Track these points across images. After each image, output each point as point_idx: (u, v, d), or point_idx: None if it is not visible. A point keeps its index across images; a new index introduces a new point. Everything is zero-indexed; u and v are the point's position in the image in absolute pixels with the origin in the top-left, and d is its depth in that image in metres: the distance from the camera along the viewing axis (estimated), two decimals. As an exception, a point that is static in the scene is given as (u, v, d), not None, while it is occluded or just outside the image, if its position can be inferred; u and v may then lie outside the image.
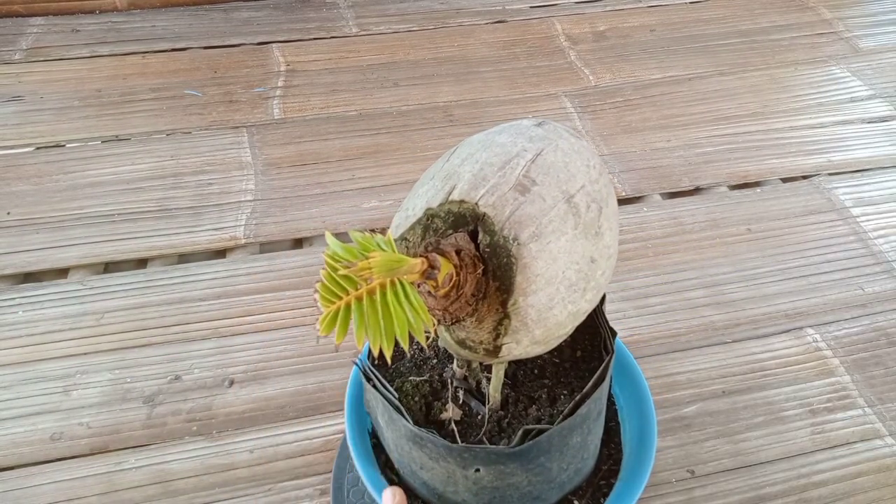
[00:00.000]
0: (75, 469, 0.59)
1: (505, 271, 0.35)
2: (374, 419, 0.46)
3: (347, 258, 0.27)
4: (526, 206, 0.35)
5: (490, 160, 0.36)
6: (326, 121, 1.02)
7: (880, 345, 0.70)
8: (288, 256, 0.80)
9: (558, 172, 0.36)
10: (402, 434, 0.41)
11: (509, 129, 0.39)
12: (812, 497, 0.58)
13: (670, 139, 0.99)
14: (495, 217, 0.35)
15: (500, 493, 0.41)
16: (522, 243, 0.35)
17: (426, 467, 0.41)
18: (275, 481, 0.59)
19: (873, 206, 0.87)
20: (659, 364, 0.68)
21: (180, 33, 1.22)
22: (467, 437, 0.43)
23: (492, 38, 1.22)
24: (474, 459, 0.39)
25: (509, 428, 0.43)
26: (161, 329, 0.71)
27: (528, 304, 0.35)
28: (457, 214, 0.36)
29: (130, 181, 0.90)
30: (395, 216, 0.39)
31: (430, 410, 0.44)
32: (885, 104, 1.05)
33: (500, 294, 0.35)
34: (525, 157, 0.36)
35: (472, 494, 0.42)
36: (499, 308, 0.35)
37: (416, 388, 0.45)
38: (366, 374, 0.43)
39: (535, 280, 0.35)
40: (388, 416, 0.41)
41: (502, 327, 0.36)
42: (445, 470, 0.41)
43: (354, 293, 0.27)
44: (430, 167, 0.40)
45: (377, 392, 0.42)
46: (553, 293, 0.36)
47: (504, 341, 0.36)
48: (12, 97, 1.05)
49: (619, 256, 0.80)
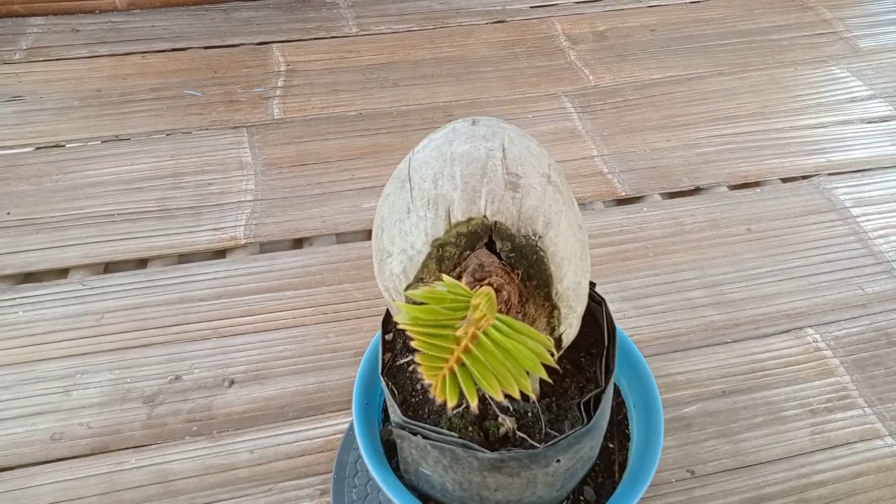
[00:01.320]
0: (76, 469, 0.59)
1: (538, 267, 0.35)
2: (415, 471, 0.43)
3: (432, 318, 0.25)
4: (525, 199, 0.35)
5: (467, 171, 0.36)
6: (326, 121, 1.02)
7: (880, 345, 0.70)
8: (288, 256, 0.80)
9: (529, 159, 0.37)
10: (473, 468, 0.40)
11: (457, 137, 0.38)
12: (812, 497, 0.58)
13: (670, 139, 0.99)
14: (507, 221, 0.35)
15: (571, 472, 0.42)
16: (542, 235, 0.35)
17: (502, 486, 0.41)
18: (275, 481, 0.59)
19: (873, 206, 0.87)
20: (659, 364, 0.68)
21: (180, 33, 1.22)
22: (533, 437, 0.42)
23: (492, 38, 1.22)
24: (556, 453, 0.39)
25: (560, 410, 0.43)
26: (161, 329, 0.71)
27: (565, 287, 0.36)
28: (468, 234, 0.35)
29: (130, 181, 0.90)
30: (389, 263, 0.38)
31: (487, 433, 0.43)
32: (885, 104, 1.05)
33: (542, 289, 0.36)
34: (496, 157, 0.37)
35: (548, 486, 0.41)
36: (545, 303, 0.36)
37: (462, 420, 0.43)
38: (409, 429, 0.41)
39: (562, 264, 0.36)
40: (451, 458, 0.40)
41: (555, 319, 0.37)
42: (526, 479, 0.40)
43: (460, 349, 0.25)
44: (389, 204, 0.39)
45: (428, 441, 0.39)
46: (576, 269, 0.37)
47: (561, 330, 0.37)
48: (12, 97, 1.05)
49: (619, 256, 0.81)
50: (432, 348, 0.25)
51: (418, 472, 0.43)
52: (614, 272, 0.78)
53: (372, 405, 0.49)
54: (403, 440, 0.42)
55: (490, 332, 0.25)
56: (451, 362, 0.25)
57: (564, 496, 0.45)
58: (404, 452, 0.43)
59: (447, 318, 0.25)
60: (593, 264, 0.78)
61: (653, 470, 0.44)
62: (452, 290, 0.27)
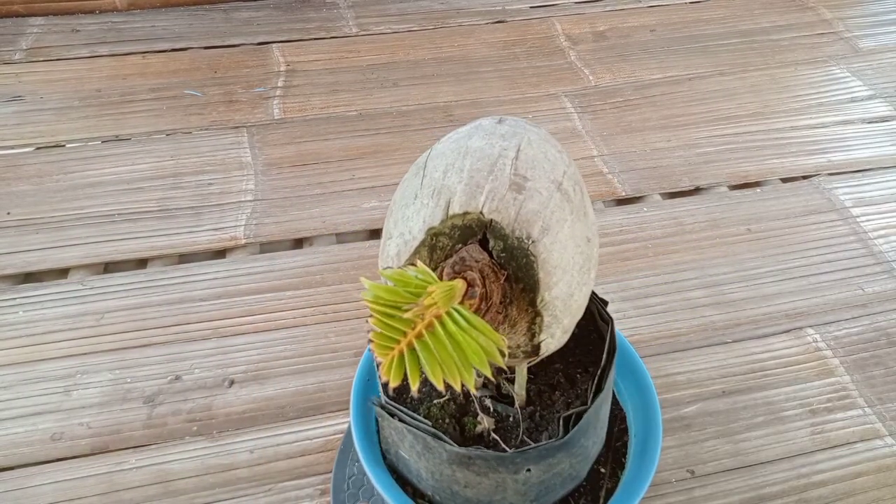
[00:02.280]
0: (76, 469, 0.59)
1: (526, 271, 0.35)
2: (395, 453, 0.45)
3: (393, 299, 0.26)
4: (527, 202, 0.35)
5: (476, 166, 0.36)
6: (326, 121, 1.02)
7: (880, 345, 0.70)
8: (288, 256, 0.80)
9: (542, 164, 0.37)
10: (443, 460, 0.40)
11: (477, 132, 0.39)
12: (812, 497, 0.58)
13: (670, 139, 0.99)
14: (503, 221, 0.35)
15: (546, 485, 0.42)
16: (536, 240, 0.35)
17: (471, 484, 0.41)
18: (275, 481, 0.59)
19: (873, 206, 0.87)
20: (659, 364, 0.68)
21: (180, 33, 1.22)
22: (508, 442, 0.43)
23: (492, 38, 1.22)
24: (526, 461, 0.39)
25: (542, 420, 0.43)
26: (161, 329, 0.71)
27: (553, 296, 0.36)
28: (462, 227, 0.35)
29: (130, 181, 0.90)
30: (387, 245, 0.38)
31: (463, 428, 0.44)
32: (885, 104, 1.05)
33: (527, 294, 0.36)
34: (508, 156, 0.36)
35: (521, 496, 0.41)
36: (528, 308, 0.36)
37: (442, 410, 0.44)
38: (388, 410, 0.42)
39: (553, 272, 0.35)
40: (423, 445, 0.40)
41: (536, 326, 0.36)
42: (494, 481, 0.40)
43: (413, 333, 0.25)
44: (402, 189, 0.40)
45: (404, 425, 0.40)
46: (570, 280, 0.36)
47: (541, 339, 0.37)
48: (12, 97, 1.05)
49: (619, 256, 0.81)
50: (387, 328, 0.25)
51: (398, 454, 0.44)
52: (614, 272, 0.78)
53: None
54: (384, 419, 0.43)
55: (446, 322, 0.26)
56: (402, 345, 0.25)
57: None
58: (385, 432, 0.44)
59: (405, 301, 0.26)
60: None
61: (645, 487, 0.44)
62: (421, 277, 0.27)
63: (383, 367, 0.25)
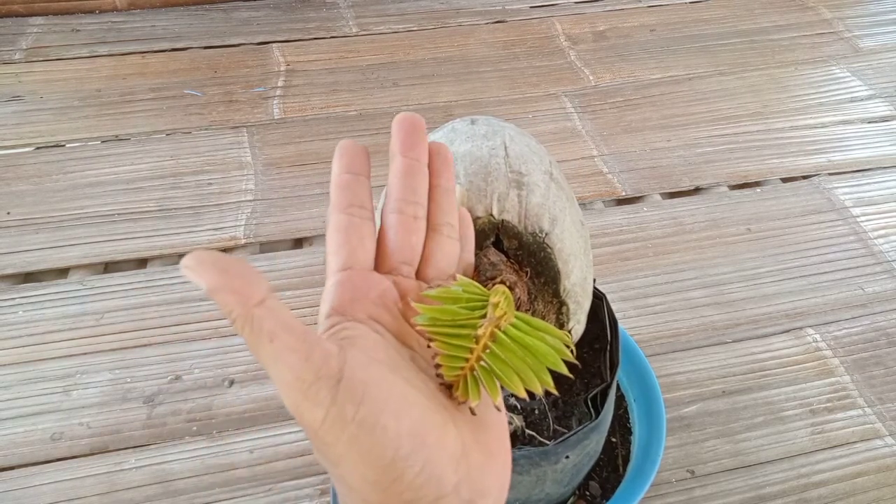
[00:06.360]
0: (75, 469, 0.59)
1: (546, 264, 0.36)
2: None
3: (451, 318, 0.25)
4: (530, 197, 0.36)
5: (470, 170, 0.37)
6: (326, 121, 1.02)
7: (880, 345, 0.70)
8: (288, 256, 0.80)
9: (530, 157, 0.38)
10: None
11: (457, 136, 0.39)
12: (812, 497, 0.58)
13: (670, 139, 0.99)
14: (513, 219, 0.35)
15: (578, 467, 0.42)
16: (549, 232, 0.35)
17: (512, 486, 0.41)
18: (275, 481, 0.59)
19: (873, 206, 0.87)
20: (659, 364, 0.68)
21: (180, 33, 1.22)
22: (542, 434, 0.43)
23: (492, 38, 1.22)
24: (566, 449, 0.40)
25: (566, 406, 0.44)
26: (161, 329, 0.71)
27: (572, 283, 0.36)
28: (476, 233, 0.36)
29: (130, 181, 0.90)
30: None
31: None
32: (885, 104, 1.05)
33: (550, 286, 0.36)
34: (499, 155, 0.37)
35: (556, 483, 0.42)
36: (553, 300, 0.36)
37: None
38: None
39: (569, 260, 0.36)
40: None
41: (563, 315, 0.37)
42: (535, 476, 0.41)
43: (479, 347, 0.25)
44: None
45: None
46: (581, 265, 0.37)
47: (570, 326, 0.37)
48: (12, 97, 1.05)
49: (619, 256, 0.81)
50: (452, 348, 0.25)
51: None
52: (614, 272, 0.78)
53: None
54: None
55: (509, 329, 0.25)
56: (472, 361, 0.24)
57: (570, 492, 0.45)
58: None
59: (465, 318, 0.25)
60: (594, 264, 0.78)
61: (657, 463, 0.44)
62: (467, 290, 0.26)
63: (457, 387, 0.24)
